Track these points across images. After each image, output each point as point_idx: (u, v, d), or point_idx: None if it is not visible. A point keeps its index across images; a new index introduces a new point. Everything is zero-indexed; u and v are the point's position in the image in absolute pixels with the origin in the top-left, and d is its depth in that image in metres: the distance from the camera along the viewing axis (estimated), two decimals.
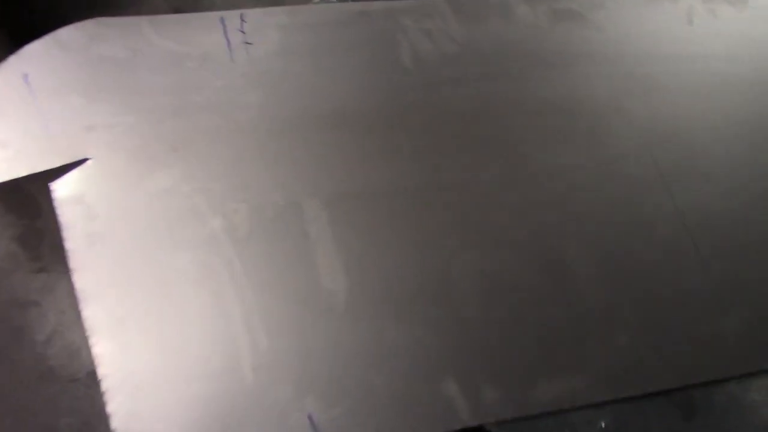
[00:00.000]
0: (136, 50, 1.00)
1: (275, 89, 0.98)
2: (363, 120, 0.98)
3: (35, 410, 1.32)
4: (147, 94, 0.97)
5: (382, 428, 0.82)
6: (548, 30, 1.09)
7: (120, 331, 0.82)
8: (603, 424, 0.88)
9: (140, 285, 0.86)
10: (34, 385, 1.34)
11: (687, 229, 0.95)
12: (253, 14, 1.04)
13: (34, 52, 0.99)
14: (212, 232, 0.89)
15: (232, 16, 1.03)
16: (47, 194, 0.95)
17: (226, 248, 0.88)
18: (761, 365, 0.95)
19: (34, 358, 1.37)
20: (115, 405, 0.79)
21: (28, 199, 1.56)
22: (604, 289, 0.92)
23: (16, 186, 0.93)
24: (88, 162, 0.91)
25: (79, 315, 1.45)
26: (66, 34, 1.00)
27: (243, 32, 1.03)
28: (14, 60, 0.98)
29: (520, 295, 0.90)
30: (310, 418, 0.83)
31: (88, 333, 0.82)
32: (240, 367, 0.83)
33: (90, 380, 1.37)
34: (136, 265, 0.87)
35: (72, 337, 1.40)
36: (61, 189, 0.90)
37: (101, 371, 0.80)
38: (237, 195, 0.92)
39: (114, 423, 0.80)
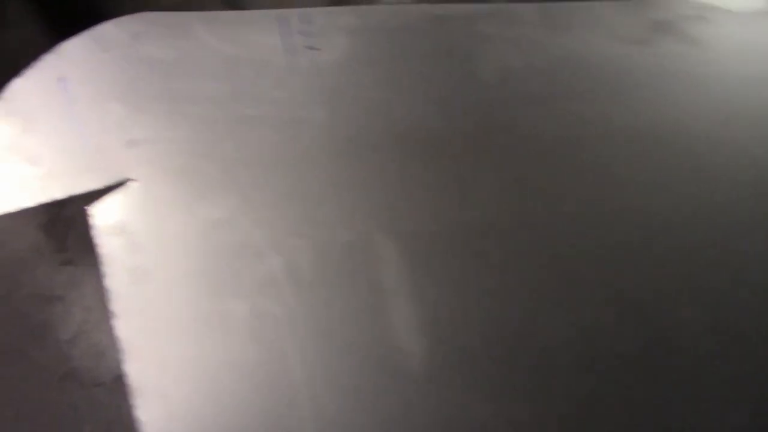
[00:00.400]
0: (186, 52, 0.85)
1: (342, 104, 0.83)
2: (441, 143, 0.84)
3: (56, 415, 1.20)
4: (197, 104, 0.82)
5: None
6: (644, 44, 0.93)
7: (168, 393, 0.69)
8: None
9: (190, 336, 0.73)
10: (56, 387, 1.22)
11: None
12: (318, 14, 0.88)
13: (71, 50, 0.84)
14: (271, 274, 0.76)
15: (293, 15, 0.87)
16: None
17: (286, 293, 0.75)
18: None
19: (57, 358, 1.25)
20: None
21: None
22: (715, 351, 0.79)
23: None
24: (131, 184, 0.77)
25: (106, 313, 1.32)
26: (107, 30, 0.85)
27: (306, 35, 0.87)
28: (50, 60, 0.83)
29: (622, 363, 0.77)
30: None
31: (132, 394, 0.68)
32: None
33: (115, 385, 1.25)
34: (185, 310, 0.74)
35: (98, 337, 1.28)
36: (100, 215, 0.75)
37: None
38: (300, 229, 0.78)
39: None
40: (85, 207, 0.78)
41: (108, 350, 1.29)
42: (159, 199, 0.79)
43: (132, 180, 0.78)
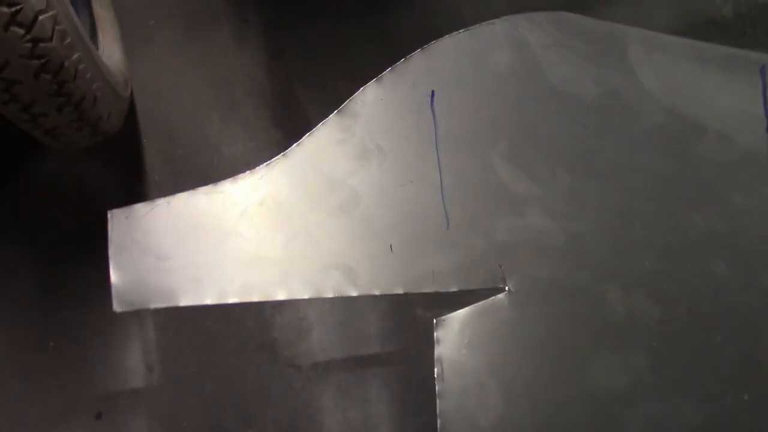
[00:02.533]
0: (614, 92, 0.50)
1: None
2: None
3: (242, 386, 0.97)
4: (619, 181, 0.47)
5: None
6: None
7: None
8: None
9: None
10: (249, 355, 0.98)
11: None
12: None
13: (443, 55, 0.49)
14: None
15: None
16: None
17: None
18: None
19: (258, 322, 1.00)
20: None
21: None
22: None
23: None
24: (502, 298, 0.45)
25: None
26: (497, 33, 0.50)
27: None
28: (416, 63, 0.49)
29: None
30: None
31: None
32: None
33: (313, 373, 1.00)
34: None
35: (306, 312, 1.02)
36: (446, 335, 0.45)
37: None
38: None
39: None
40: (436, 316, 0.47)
41: (313, 329, 1.03)
42: (531, 332, 0.46)
43: (507, 289, 0.46)
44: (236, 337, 1.01)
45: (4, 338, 0.96)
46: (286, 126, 1.08)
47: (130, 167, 1.02)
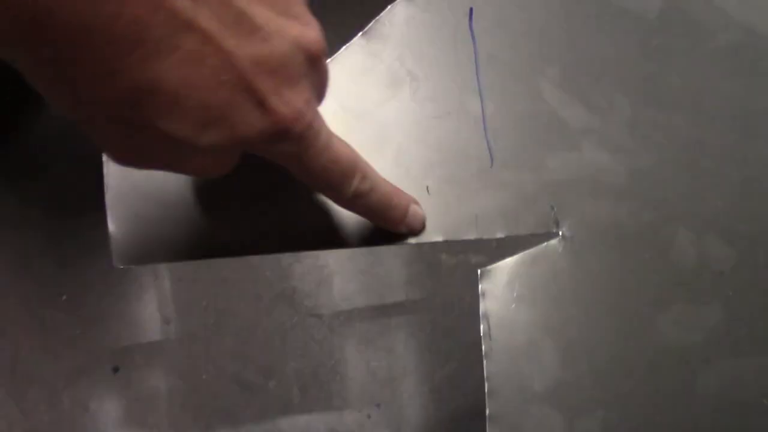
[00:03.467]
0: (674, 6, 0.42)
1: None
2: None
3: (262, 338, 0.92)
4: (684, 106, 0.40)
5: None
6: None
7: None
8: None
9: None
10: (268, 304, 0.93)
11: None
12: None
13: None
14: None
15: None
16: None
17: None
18: None
19: (278, 271, 0.95)
20: None
21: None
22: None
23: None
24: (555, 244, 0.38)
25: None
26: None
27: None
28: None
29: None
30: None
31: None
32: None
33: (335, 323, 0.96)
34: None
35: (326, 260, 0.97)
36: (492, 288, 0.38)
37: None
38: None
39: None
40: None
41: (334, 277, 0.98)
42: (589, 283, 0.39)
43: (563, 233, 0.39)
44: (254, 287, 0.96)
45: (14, 292, 0.91)
46: None
47: None
